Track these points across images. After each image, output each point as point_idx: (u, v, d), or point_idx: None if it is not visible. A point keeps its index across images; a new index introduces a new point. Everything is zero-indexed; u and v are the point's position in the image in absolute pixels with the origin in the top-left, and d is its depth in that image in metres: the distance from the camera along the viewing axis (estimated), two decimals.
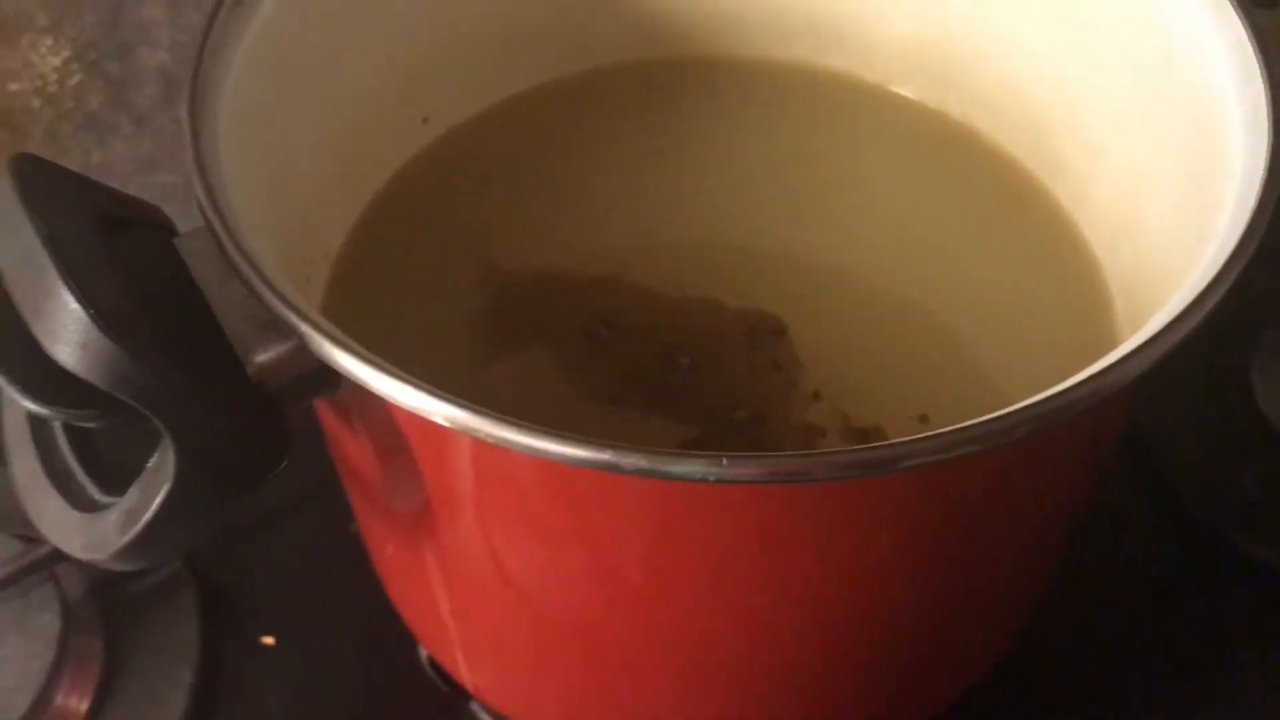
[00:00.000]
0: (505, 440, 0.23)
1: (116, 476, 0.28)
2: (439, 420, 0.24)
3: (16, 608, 0.43)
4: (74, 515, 0.27)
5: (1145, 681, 0.41)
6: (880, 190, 0.42)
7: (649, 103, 0.44)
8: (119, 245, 0.27)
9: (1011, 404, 0.35)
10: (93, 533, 0.26)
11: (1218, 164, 0.30)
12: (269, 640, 0.45)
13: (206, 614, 0.45)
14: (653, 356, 0.36)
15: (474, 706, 0.42)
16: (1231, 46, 0.31)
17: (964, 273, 0.39)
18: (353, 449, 0.32)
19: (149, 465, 0.26)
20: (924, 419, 0.34)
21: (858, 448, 0.24)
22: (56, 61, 0.48)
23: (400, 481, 0.31)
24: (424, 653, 0.42)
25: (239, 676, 0.44)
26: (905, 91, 0.44)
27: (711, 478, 0.23)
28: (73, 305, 0.23)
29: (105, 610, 0.44)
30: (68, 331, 0.23)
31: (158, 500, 0.25)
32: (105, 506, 0.27)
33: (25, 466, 0.28)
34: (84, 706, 0.42)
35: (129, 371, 0.24)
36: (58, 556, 0.43)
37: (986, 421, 0.24)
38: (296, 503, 0.47)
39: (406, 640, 0.42)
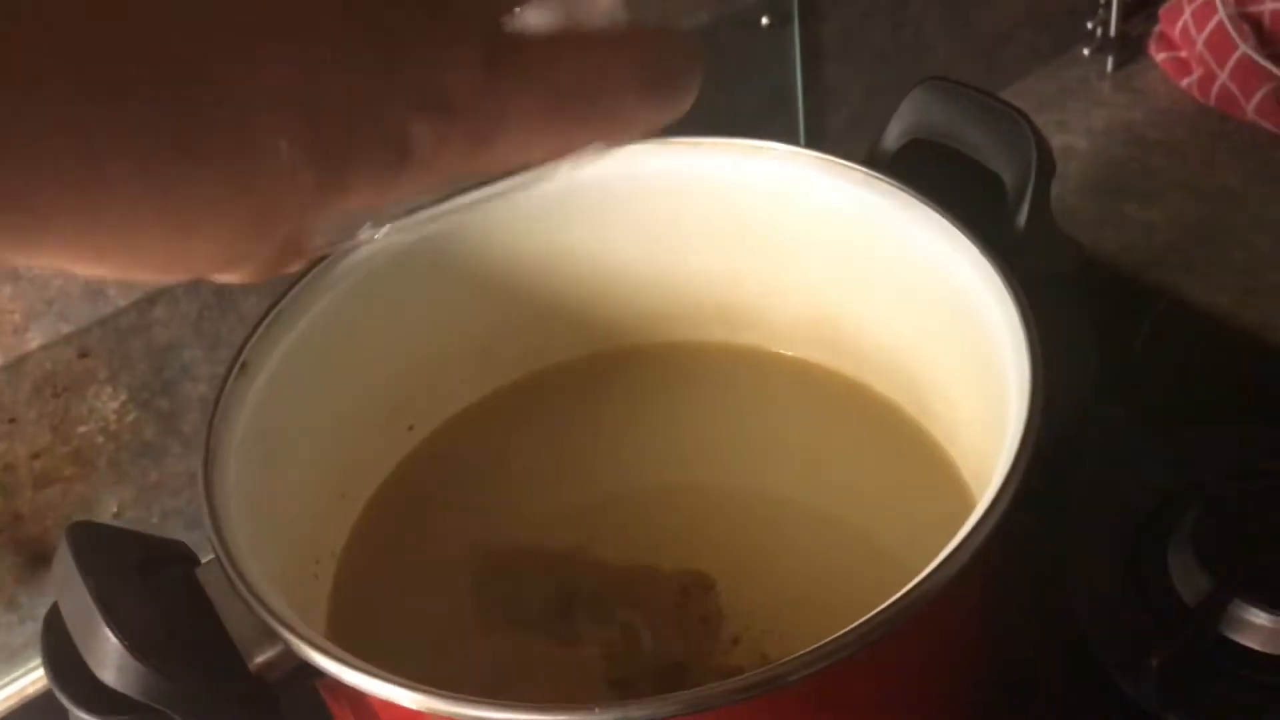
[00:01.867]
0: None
1: None
2: (397, 700, 0.32)
3: None
4: None
5: None
6: (792, 440, 0.50)
7: (601, 388, 0.53)
8: (153, 579, 0.35)
9: None
10: None
11: (1005, 385, 0.38)
12: None
13: None
14: (600, 621, 0.43)
15: None
16: (1006, 312, 0.39)
17: (855, 507, 0.47)
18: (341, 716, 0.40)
19: None
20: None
21: (683, 692, 0.31)
22: (115, 405, 0.59)
23: None
24: None
25: None
26: (807, 356, 0.52)
27: None
28: (112, 640, 0.32)
29: None
30: (110, 660, 0.32)
31: None
32: None
33: None
34: None
35: (156, 685, 0.32)
36: None
37: (827, 644, 0.32)
38: None
39: None
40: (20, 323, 0.55)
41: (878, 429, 0.50)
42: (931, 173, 0.45)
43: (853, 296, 0.49)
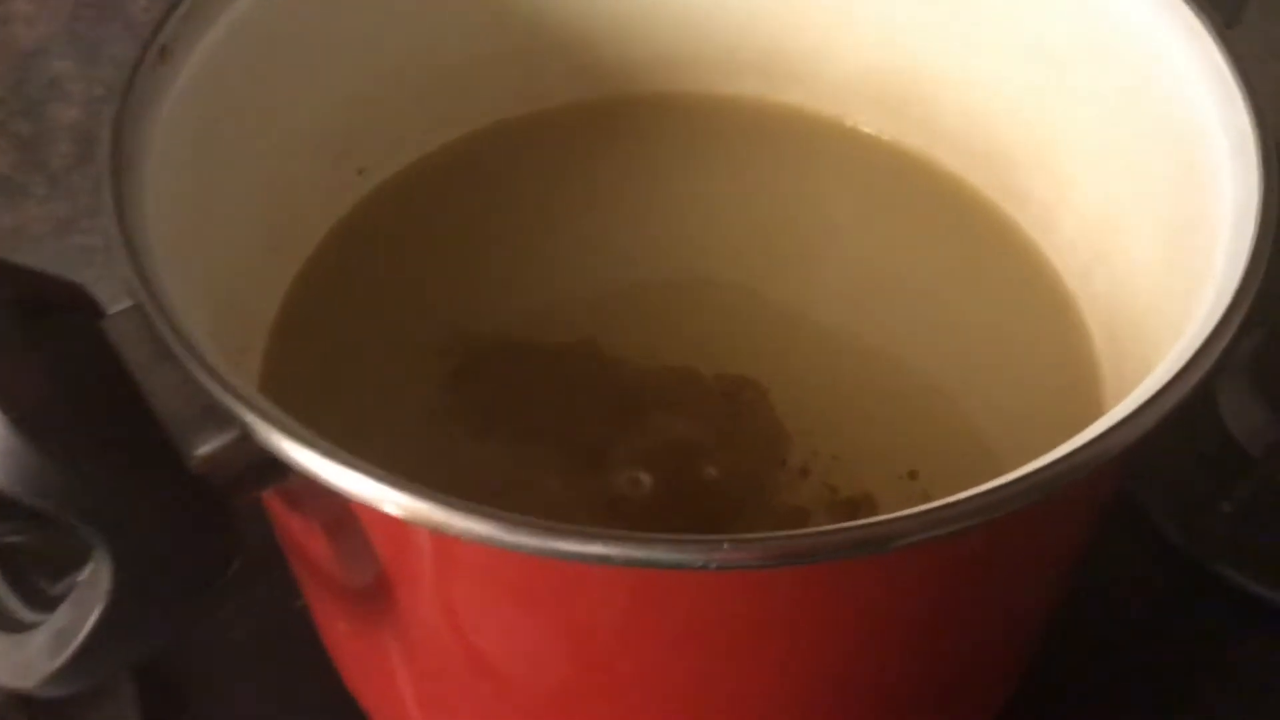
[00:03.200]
0: (483, 536, 0.21)
1: (46, 594, 0.26)
2: (412, 517, 0.22)
3: None
4: None
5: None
6: (841, 229, 0.41)
7: (596, 145, 0.42)
8: (40, 333, 0.24)
9: (996, 451, 0.34)
10: (19, 657, 0.23)
11: (1204, 195, 0.29)
12: None
13: (146, 705, 0.42)
14: (627, 438, 0.34)
15: None
16: (1209, 74, 0.30)
17: (934, 312, 0.38)
18: (303, 536, 0.30)
19: (80, 579, 0.23)
20: (913, 475, 0.33)
21: (859, 523, 0.22)
22: None
23: (359, 571, 0.28)
24: None
25: None
26: (861, 125, 0.43)
27: (712, 565, 0.21)
28: None
29: (33, 713, 0.41)
30: None
31: (93, 618, 0.22)
32: (30, 625, 0.24)
33: None
34: None
35: (55, 479, 0.21)
36: None
37: (984, 493, 0.23)
38: (237, 578, 0.44)
39: None
40: None
41: (949, 216, 0.41)
42: None
43: (941, 44, 0.39)
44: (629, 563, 0.21)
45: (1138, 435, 0.23)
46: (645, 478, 0.33)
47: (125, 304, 0.27)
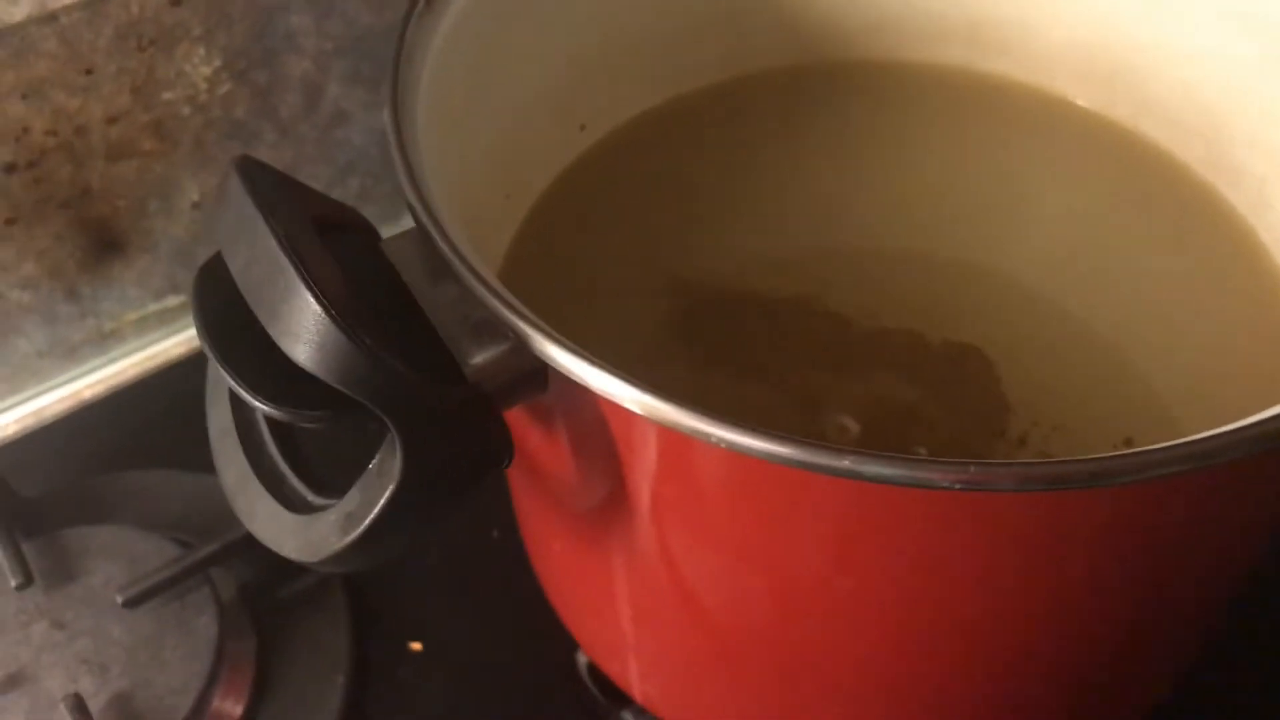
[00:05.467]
0: (750, 448, 0.23)
1: (322, 478, 0.28)
2: (674, 424, 0.24)
3: (174, 610, 0.43)
4: (288, 518, 0.27)
5: None
6: (1050, 200, 0.41)
7: (808, 108, 0.44)
8: (337, 248, 0.27)
9: (1201, 425, 0.35)
10: (310, 535, 0.26)
11: None
12: (416, 646, 0.45)
13: (355, 619, 0.45)
14: (850, 379, 0.35)
15: (626, 715, 0.41)
16: None
17: (1144, 285, 0.38)
18: (541, 447, 0.32)
19: (370, 467, 0.26)
20: (1129, 443, 0.33)
21: (1119, 453, 0.23)
22: (207, 71, 0.49)
23: (594, 483, 0.30)
24: (583, 659, 0.42)
25: (388, 681, 0.44)
26: (1070, 96, 0.43)
27: (959, 486, 0.23)
28: (314, 306, 0.23)
29: (257, 615, 0.45)
30: (308, 332, 0.23)
31: (382, 501, 0.25)
32: (319, 508, 0.27)
33: (234, 469, 0.28)
34: (239, 710, 0.43)
35: (366, 371, 0.24)
36: (213, 560, 0.44)
37: (1248, 426, 0.24)
38: None
39: (560, 646, 0.42)
40: None
41: (1158, 189, 0.41)
42: None
43: (1152, 15, 0.40)
44: (879, 479, 0.23)
45: None
46: (853, 426, 0.34)
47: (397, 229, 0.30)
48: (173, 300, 0.54)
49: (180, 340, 0.54)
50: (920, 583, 0.28)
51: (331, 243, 0.27)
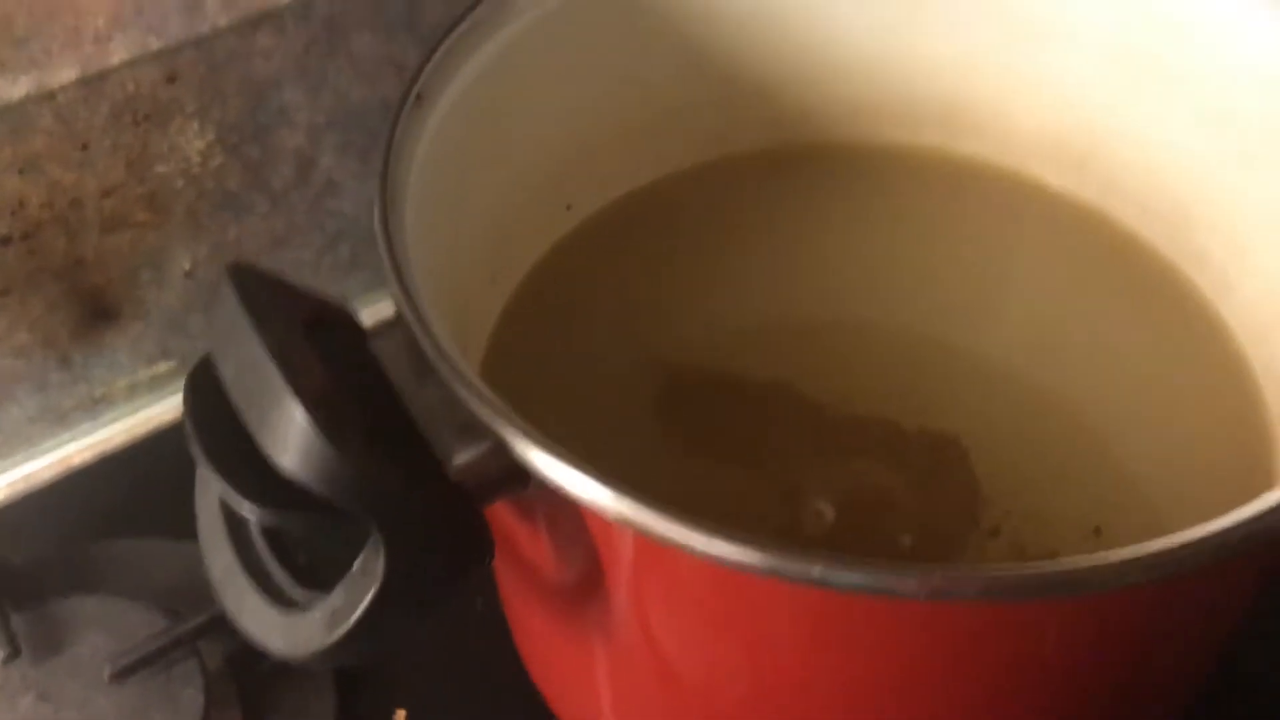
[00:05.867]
0: (729, 560, 0.24)
1: (309, 575, 0.29)
2: (647, 531, 0.25)
3: (161, 682, 0.44)
4: (275, 613, 0.28)
5: None
6: (1020, 280, 0.43)
7: (789, 189, 0.45)
8: (326, 346, 0.28)
9: (1170, 510, 0.35)
10: (297, 632, 0.27)
11: None
12: (402, 714, 0.46)
13: (340, 687, 0.46)
14: (826, 467, 0.36)
15: None
16: None
17: (1111, 366, 0.39)
18: (523, 537, 0.33)
19: (354, 566, 0.26)
20: (1098, 531, 0.34)
21: (1065, 564, 0.24)
22: (200, 145, 0.50)
23: (572, 572, 0.31)
24: None
25: None
26: (1041, 178, 0.44)
27: (922, 595, 0.23)
28: (299, 416, 0.24)
29: (243, 685, 0.45)
30: (294, 442, 0.24)
31: (366, 601, 0.26)
32: (305, 605, 0.27)
33: (222, 562, 0.29)
34: None
35: (350, 478, 0.24)
36: (201, 631, 0.44)
37: (1183, 546, 0.24)
38: None
39: (543, 717, 0.42)
40: (103, 30, 0.46)
41: (1125, 271, 0.42)
42: None
43: (1127, 104, 0.41)
44: (844, 586, 0.24)
45: None
46: (829, 512, 0.35)
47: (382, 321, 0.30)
48: (163, 366, 0.55)
49: (170, 406, 0.55)
50: (891, 678, 0.29)
51: (321, 341, 0.28)
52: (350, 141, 0.53)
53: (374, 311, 0.43)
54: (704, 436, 0.38)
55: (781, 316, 0.41)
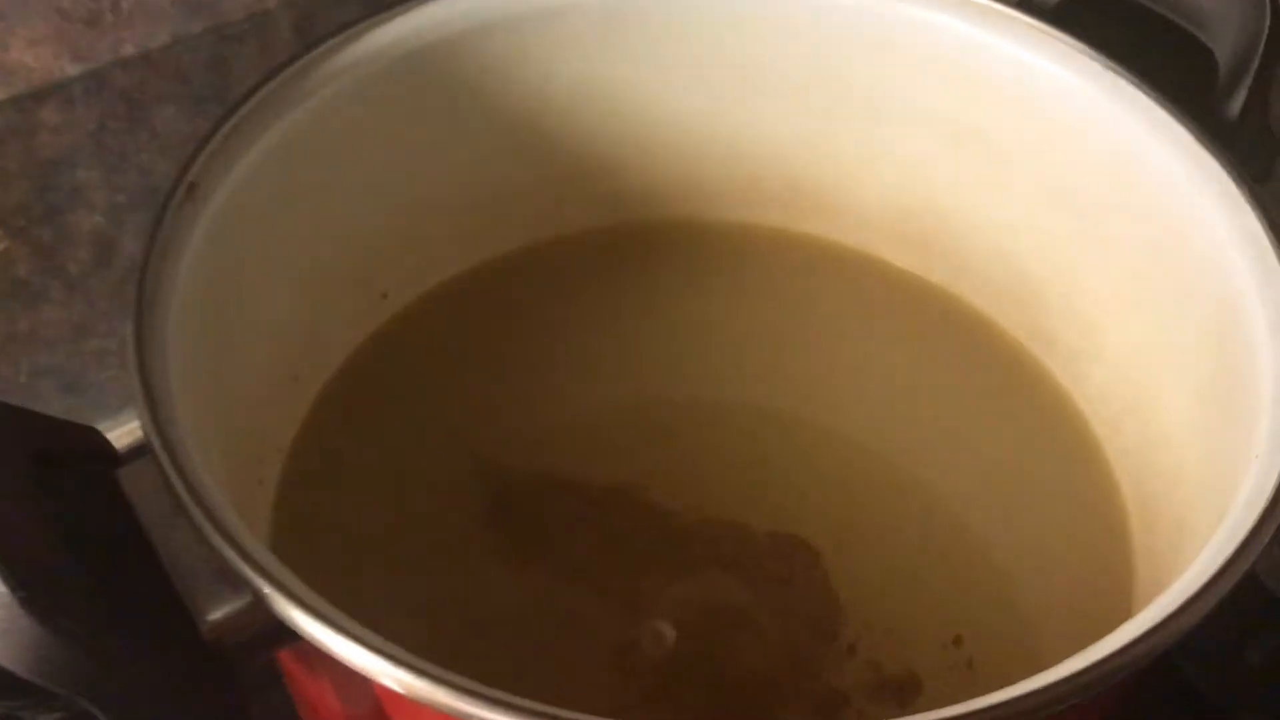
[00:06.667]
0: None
1: None
2: (412, 694, 0.21)
3: None
4: None
5: None
6: (872, 360, 0.40)
7: (621, 271, 0.42)
8: (55, 485, 0.24)
9: (1029, 609, 0.33)
10: None
11: (1241, 365, 0.29)
12: None
13: None
14: (680, 599, 0.33)
15: None
16: (1244, 241, 0.30)
17: (963, 456, 0.37)
18: (309, 688, 0.29)
19: None
20: (957, 641, 0.32)
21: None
22: None
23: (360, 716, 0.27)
24: None
25: None
26: (886, 258, 0.42)
27: None
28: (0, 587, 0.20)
29: None
30: None
31: None
32: None
33: None
34: None
35: (62, 658, 0.21)
36: None
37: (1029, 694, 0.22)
38: None
39: None
40: None
41: (975, 353, 0.40)
42: (1106, 35, 0.35)
43: (968, 184, 0.39)
44: None
45: (1179, 632, 0.23)
46: (670, 633, 0.32)
47: (139, 445, 0.26)
48: None
49: None
50: None
51: (56, 478, 0.24)
52: None
53: None
54: (539, 546, 0.35)
55: (623, 407, 0.39)
